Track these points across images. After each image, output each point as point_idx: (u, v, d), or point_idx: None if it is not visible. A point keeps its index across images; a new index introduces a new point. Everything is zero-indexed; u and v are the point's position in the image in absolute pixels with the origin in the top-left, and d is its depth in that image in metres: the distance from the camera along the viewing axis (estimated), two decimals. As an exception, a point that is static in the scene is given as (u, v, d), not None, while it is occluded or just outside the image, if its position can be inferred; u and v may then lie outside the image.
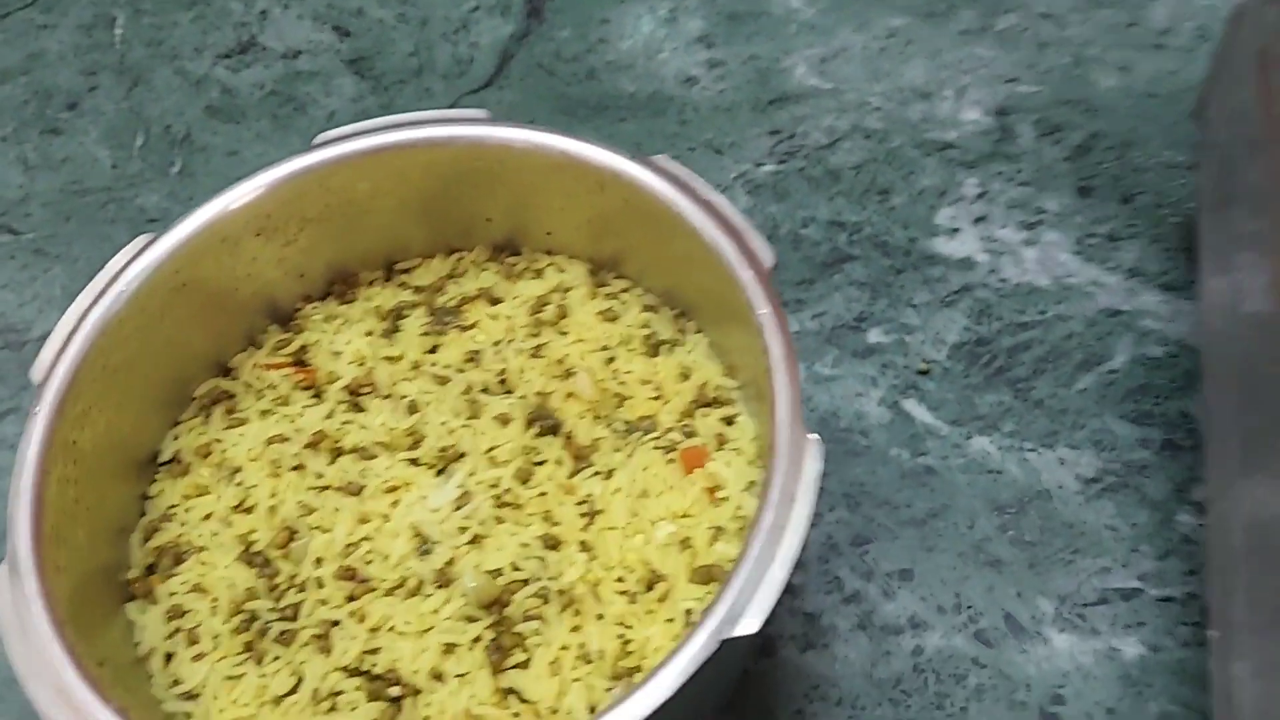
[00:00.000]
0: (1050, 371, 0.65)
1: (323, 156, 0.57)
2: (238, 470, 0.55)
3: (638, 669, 0.49)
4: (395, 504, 0.53)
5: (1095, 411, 0.64)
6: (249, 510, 0.54)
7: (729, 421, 0.55)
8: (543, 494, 0.53)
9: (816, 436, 0.46)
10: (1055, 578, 0.59)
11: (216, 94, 0.84)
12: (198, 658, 0.50)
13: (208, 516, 0.54)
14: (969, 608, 0.59)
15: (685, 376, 0.57)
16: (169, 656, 0.51)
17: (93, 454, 0.52)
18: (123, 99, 0.85)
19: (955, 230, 0.71)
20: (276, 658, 0.50)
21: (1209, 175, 0.60)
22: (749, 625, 0.41)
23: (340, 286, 0.62)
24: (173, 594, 0.52)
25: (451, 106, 0.81)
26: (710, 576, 0.50)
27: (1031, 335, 0.67)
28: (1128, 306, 0.67)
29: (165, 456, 0.56)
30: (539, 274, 0.61)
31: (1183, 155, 0.73)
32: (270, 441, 0.56)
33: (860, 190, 0.74)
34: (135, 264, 0.54)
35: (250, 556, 0.53)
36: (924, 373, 0.66)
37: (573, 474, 0.54)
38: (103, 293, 0.53)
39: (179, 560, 0.53)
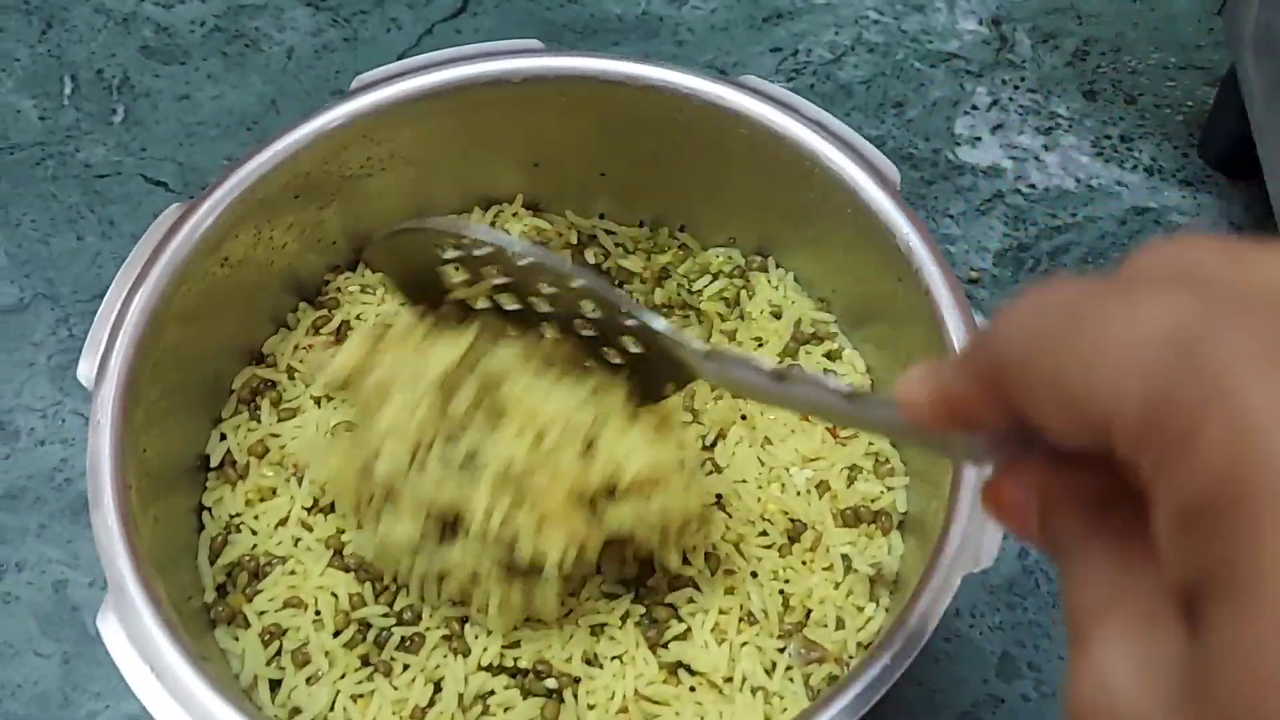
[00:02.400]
0: (1093, 272, 0.67)
1: (368, 103, 0.49)
2: (304, 467, 0.47)
3: (804, 623, 0.45)
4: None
5: (1141, 308, 0.65)
6: (329, 510, 0.47)
7: (832, 357, 0.52)
8: None
9: None
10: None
11: (150, 33, 0.75)
12: (313, 679, 0.43)
13: (282, 522, 0.46)
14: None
15: (777, 315, 0.53)
16: (274, 683, 0.43)
17: (158, 464, 0.43)
18: (36, 42, 0.75)
19: (976, 139, 0.71)
20: (406, 666, 0.43)
21: (1265, 68, 0.60)
22: (986, 560, 0.39)
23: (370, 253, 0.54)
24: (262, 613, 0.44)
25: (427, 34, 0.76)
26: (858, 518, 0.46)
27: (1068, 238, 0.68)
28: (1153, 204, 0.69)
29: (216, 460, 0.48)
30: (588, 233, 0.55)
31: (1173, 56, 0.74)
32: (334, 431, 0.48)
33: (874, 105, 0.73)
34: (174, 239, 0.44)
35: (344, 560, 0.45)
36: (974, 281, 0.66)
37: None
38: (143, 274, 0.43)
39: (258, 575, 0.45)
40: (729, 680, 0.44)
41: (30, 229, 0.66)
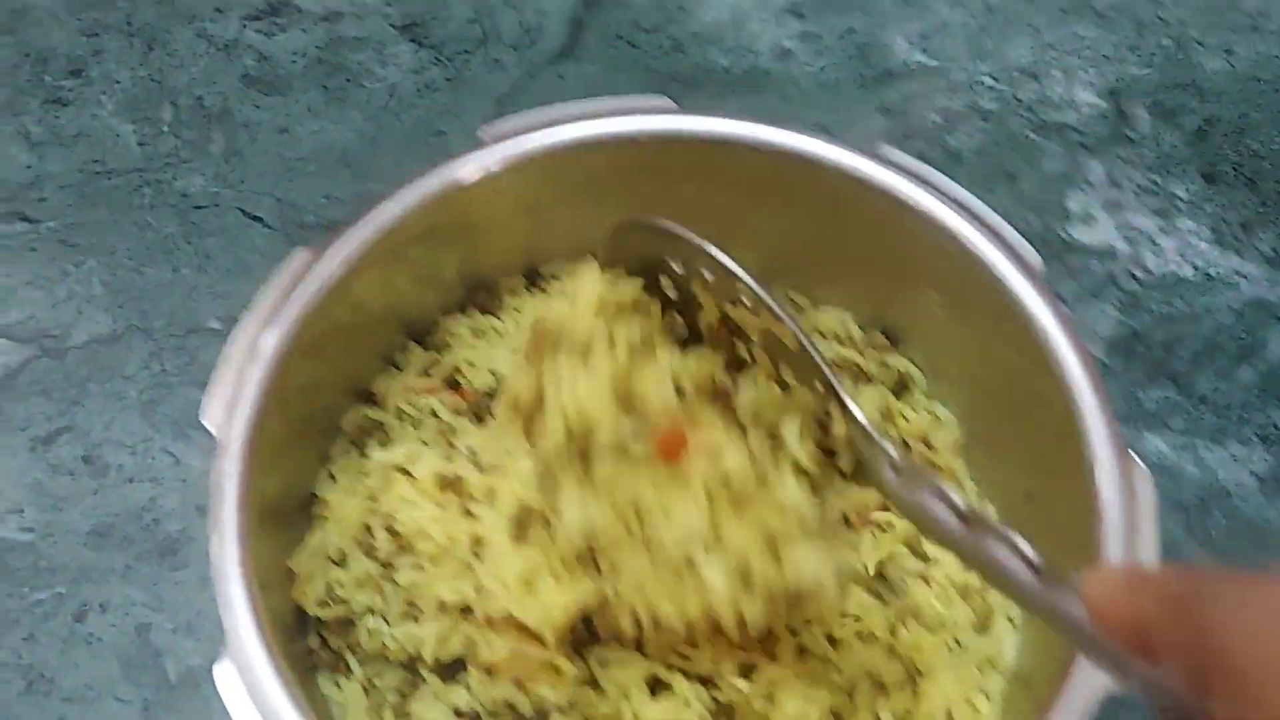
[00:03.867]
0: (1208, 365, 0.65)
1: (502, 155, 0.50)
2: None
3: None
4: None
5: (1258, 405, 0.64)
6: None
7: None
8: None
9: (1140, 461, 0.43)
10: (1248, 580, 0.60)
11: (251, 61, 0.76)
12: None
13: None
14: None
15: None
16: None
17: (273, 506, 0.44)
18: (138, 65, 0.76)
19: (1090, 218, 0.70)
20: None
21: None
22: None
23: (482, 296, 0.55)
24: (365, 662, 0.46)
25: (529, 78, 0.76)
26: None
27: (1183, 328, 0.67)
28: (1273, 297, 0.67)
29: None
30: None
31: (1299, 141, 0.74)
32: None
33: (985, 175, 0.72)
34: (305, 284, 0.46)
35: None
36: (1085, 369, 0.65)
37: None
38: (271, 318, 0.45)
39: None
40: None
41: (126, 258, 0.67)
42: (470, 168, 0.50)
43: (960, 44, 0.77)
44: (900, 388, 0.55)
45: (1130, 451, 0.44)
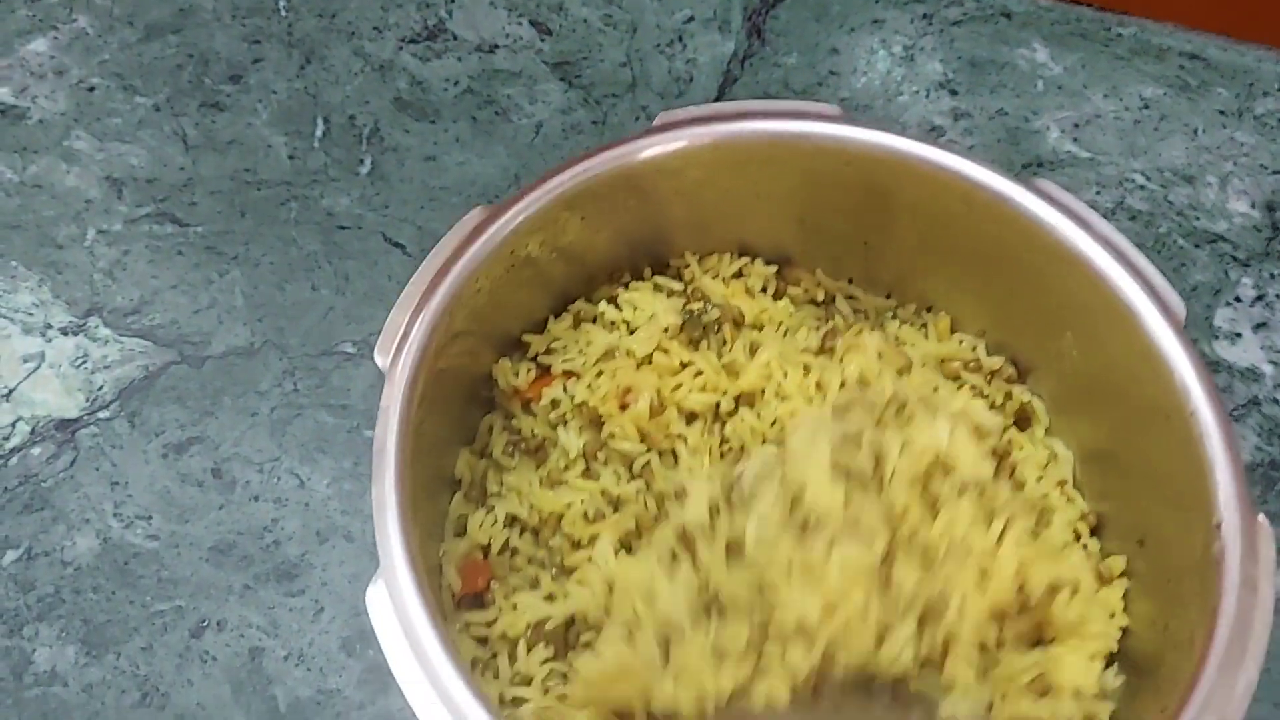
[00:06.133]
0: (1348, 505, 0.62)
1: (672, 143, 0.50)
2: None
3: None
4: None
5: (1398, 554, 0.61)
6: None
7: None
8: None
9: (1265, 520, 0.42)
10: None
11: (405, 85, 0.75)
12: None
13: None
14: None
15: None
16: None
17: (422, 460, 0.45)
18: (294, 77, 0.75)
19: (1236, 335, 0.67)
20: None
21: None
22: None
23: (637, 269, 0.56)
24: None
25: (676, 131, 0.74)
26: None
27: (1325, 462, 0.63)
28: None
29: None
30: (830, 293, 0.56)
31: None
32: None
33: (1130, 278, 0.69)
34: (478, 241, 0.47)
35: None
36: (1219, 495, 0.62)
37: None
38: (444, 269, 0.46)
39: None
40: None
41: (269, 271, 0.66)
42: (641, 150, 0.50)
43: (1113, 138, 0.73)
44: (1022, 420, 0.53)
45: (1260, 516, 0.42)
